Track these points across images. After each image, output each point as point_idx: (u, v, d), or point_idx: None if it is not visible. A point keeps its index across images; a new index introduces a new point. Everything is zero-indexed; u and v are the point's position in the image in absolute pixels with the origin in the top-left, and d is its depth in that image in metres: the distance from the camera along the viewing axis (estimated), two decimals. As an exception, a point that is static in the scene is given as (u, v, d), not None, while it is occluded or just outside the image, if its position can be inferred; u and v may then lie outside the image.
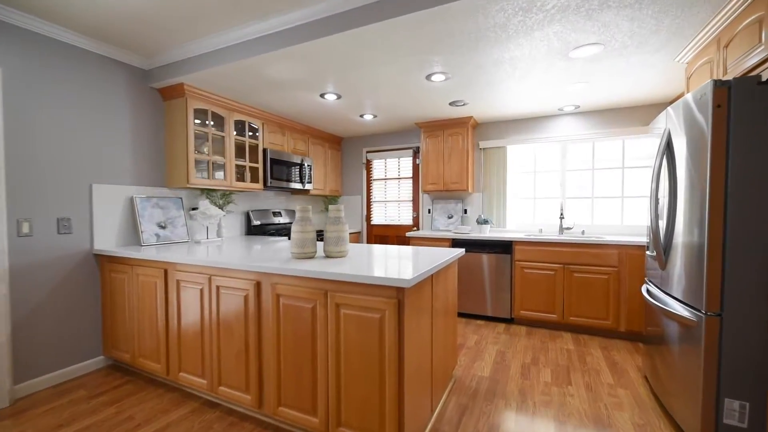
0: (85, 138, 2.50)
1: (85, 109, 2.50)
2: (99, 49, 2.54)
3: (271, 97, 3.20)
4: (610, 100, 3.34)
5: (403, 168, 4.68)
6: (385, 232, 4.82)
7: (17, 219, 2.19)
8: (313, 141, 4.42)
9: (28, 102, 2.23)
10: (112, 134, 2.65)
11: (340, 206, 2.02)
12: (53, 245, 2.35)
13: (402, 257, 2.05)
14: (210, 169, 3.07)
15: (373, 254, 2.16)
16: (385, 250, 2.40)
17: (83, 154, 2.49)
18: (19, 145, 2.19)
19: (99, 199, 2.58)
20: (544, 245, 3.32)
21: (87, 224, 2.53)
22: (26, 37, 2.21)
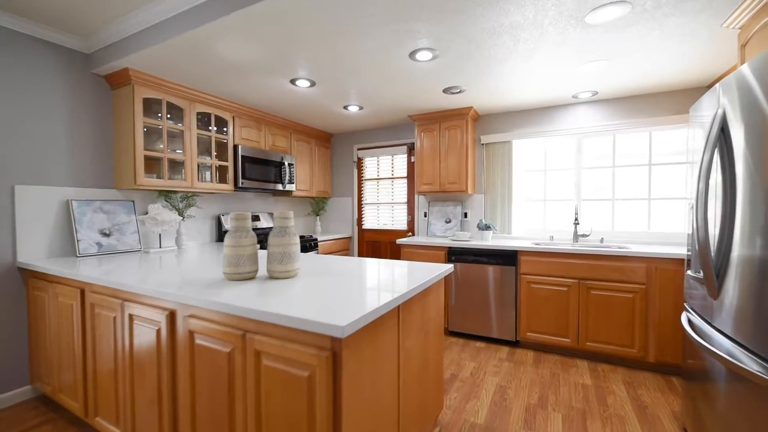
0: (5, 133, 2.13)
1: (7, 99, 2.13)
2: (25, 28, 2.17)
3: (237, 85, 2.79)
4: (635, 83, 2.81)
5: (397, 167, 4.22)
6: (377, 238, 4.36)
7: None
8: (296, 137, 4.01)
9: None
10: (42, 129, 2.28)
11: (288, 213, 1.58)
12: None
13: (370, 280, 1.60)
14: (165, 168, 2.68)
15: (333, 274, 1.71)
16: (356, 266, 1.94)
17: (3, 152, 2.12)
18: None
19: (24, 203, 2.20)
20: (555, 256, 2.81)
21: (8, 232, 2.15)
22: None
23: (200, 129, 2.99)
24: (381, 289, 1.39)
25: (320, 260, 2.13)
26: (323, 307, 1.13)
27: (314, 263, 2.02)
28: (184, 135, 2.81)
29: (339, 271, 1.78)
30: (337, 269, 1.82)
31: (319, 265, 1.96)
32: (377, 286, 1.44)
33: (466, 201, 3.79)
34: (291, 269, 1.58)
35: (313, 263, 2.02)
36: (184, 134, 2.81)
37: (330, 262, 2.04)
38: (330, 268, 1.86)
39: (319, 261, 2.10)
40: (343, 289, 1.37)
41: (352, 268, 1.84)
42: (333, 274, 1.70)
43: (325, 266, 1.91)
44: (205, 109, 2.97)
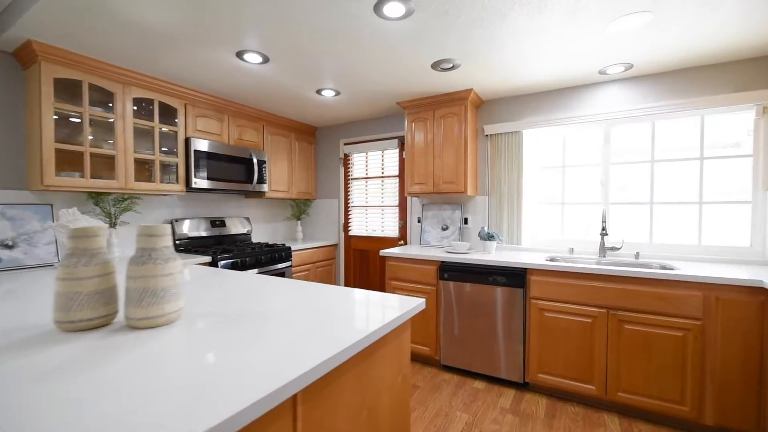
0: None
1: None
2: None
3: (174, 63, 2.28)
4: (685, 50, 2.13)
5: (387, 164, 3.64)
6: (366, 246, 3.79)
7: None
8: (271, 131, 3.48)
9: None
10: None
11: (155, 227, 1.04)
12: None
13: (282, 330, 1.02)
14: (87, 165, 2.19)
15: (233, 317, 1.15)
16: (280, 302, 1.38)
17: None
18: None
19: None
20: (575, 276, 2.17)
21: None
22: None
23: (140, 118, 2.50)
24: (281, 358, 0.82)
25: (243, 286, 1.58)
26: (139, 410, 0.57)
27: (228, 293, 1.46)
28: (115, 125, 2.32)
29: (247, 311, 1.21)
30: (247, 307, 1.26)
31: (233, 297, 1.40)
32: (282, 349, 0.88)
33: (467, 204, 3.17)
34: (157, 314, 1.03)
35: (226, 294, 1.46)
36: (115, 124, 2.32)
37: (254, 292, 1.49)
38: (243, 304, 1.30)
39: (239, 288, 1.55)
40: (218, 358, 0.81)
41: (270, 309, 1.28)
42: (233, 317, 1.14)
43: (239, 300, 1.35)
44: (144, 94, 2.48)
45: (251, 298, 1.37)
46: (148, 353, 0.85)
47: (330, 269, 3.85)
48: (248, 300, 1.35)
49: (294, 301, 1.33)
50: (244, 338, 0.95)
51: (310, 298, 1.38)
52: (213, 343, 0.91)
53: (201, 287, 1.57)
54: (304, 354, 0.85)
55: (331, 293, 1.46)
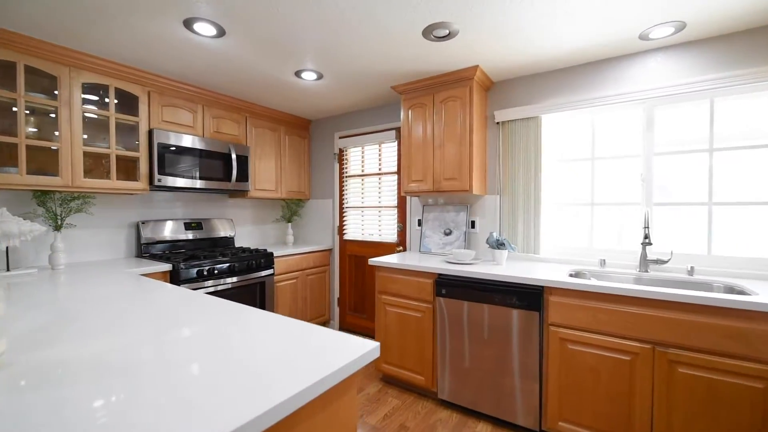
0: None
1: None
2: None
3: (115, 38, 1.95)
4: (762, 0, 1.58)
5: (385, 159, 3.21)
6: (361, 252, 3.37)
7: None
8: (255, 123, 3.14)
9: None
10: None
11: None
12: None
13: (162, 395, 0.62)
14: (22, 159, 1.90)
15: (66, 372, 0.76)
16: (194, 336, 0.98)
17: None
18: None
19: None
20: (607, 299, 1.66)
21: None
22: None
23: (94, 107, 2.20)
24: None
25: (142, 312, 1.19)
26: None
27: (110, 324, 1.08)
28: (60, 114, 2.03)
29: (96, 357, 0.82)
30: (96, 349, 0.87)
31: (104, 332, 1.02)
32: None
33: (475, 205, 2.69)
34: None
35: (107, 324, 1.08)
36: (59, 113, 2.03)
37: (154, 320, 1.10)
38: (99, 345, 0.92)
39: (130, 316, 1.17)
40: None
41: (146, 356, 0.89)
42: (77, 370, 0.75)
43: (102, 338, 0.97)
44: (97, 79, 2.18)
45: (124, 332, 0.98)
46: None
47: (323, 277, 3.47)
48: (114, 336, 0.96)
49: (198, 338, 0.92)
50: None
51: (222, 332, 0.98)
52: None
53: (75, 311, 1.20)
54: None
55: (251, 327, 1.05)
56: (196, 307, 1.26)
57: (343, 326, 3.51)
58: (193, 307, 1.25)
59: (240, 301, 2.62)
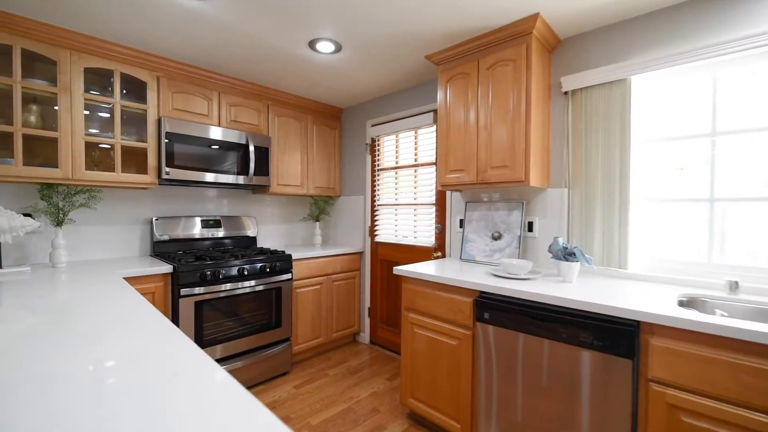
0: None
1: None
2: None
3: (106, 12, 1.73)
4: None
5: (423, 147, 2.72)
6: (394, 256, 2.92)
7: None
8: (278, 111, 2.85)
9: None
10: None
11: None
12: None
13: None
14: (18, 149, 1.78)
15: None
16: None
17: None
18: None
19: None
20: (757, 352, 1.00)
21: None
22: None
23: (97, 94, 2.04)
24: None
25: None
26: None
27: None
28: (59, 101, 1.88)
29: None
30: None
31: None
32: None
33: (533, 201, 2.09)
34: None
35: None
36: (59, 99, 1.88)
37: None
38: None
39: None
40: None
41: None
42: None
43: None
44: (101, 63, 2.02)
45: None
46: None
47: (351, 285, 3.08)
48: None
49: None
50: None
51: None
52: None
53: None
54: None
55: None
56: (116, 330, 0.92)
57: (374, 340, 3.09)
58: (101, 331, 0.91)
59: (253, 310, 2.33)
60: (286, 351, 2.52)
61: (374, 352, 2.93)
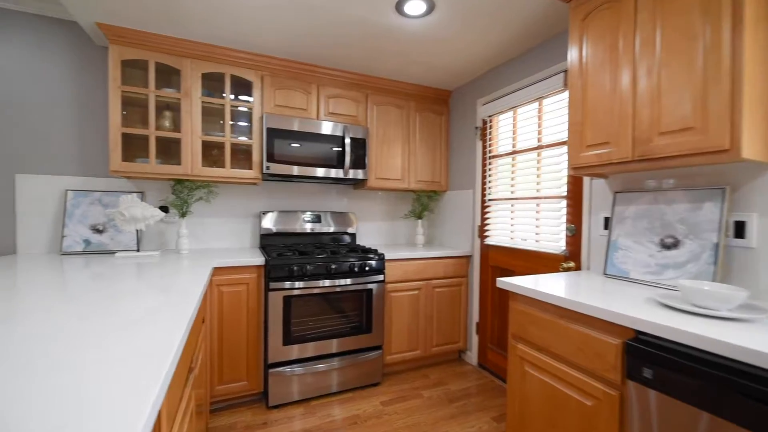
0: (12, 115, 2.03)
1: (10, 84, 2.03)
2: (24, 6, 2.02)
3: (201, 11, 1.81)
4: None
5: (549, 122, 2.07)
6: (509, 263, 2.33)
7: None
8: (377, 100, 2.66)
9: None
10: (46, 112, 2.10)
11: None
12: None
13: None
14: (152, 149, 2.05)
15: None
16: None
17: (7, 138, 2.03)
18: None
19: (25, 194, 2.07)
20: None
21: (10, 223, 2.05)
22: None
23: (210, 97, 2.23)
24: None
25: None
26: None
27: None
28: (181, 105, 2.11)
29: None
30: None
31: None
32: None
33: (745, 187, 1.25)
34: None
35: None
36: (181, 103, 2.11)
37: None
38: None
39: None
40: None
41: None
42: None
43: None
44: (215, 68, 2.19)
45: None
46: None
47: (456, 293, 2.63)
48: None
49: None
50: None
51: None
52: None
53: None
54: None
55: None
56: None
57: (483, 363, 2.56)
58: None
59: (342, 311, 2.18)
60: (377, 360, 2.29)
61: (482, 379, 2.42)
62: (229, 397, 2.04)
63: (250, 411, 1.99)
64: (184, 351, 0.94)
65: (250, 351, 2.02)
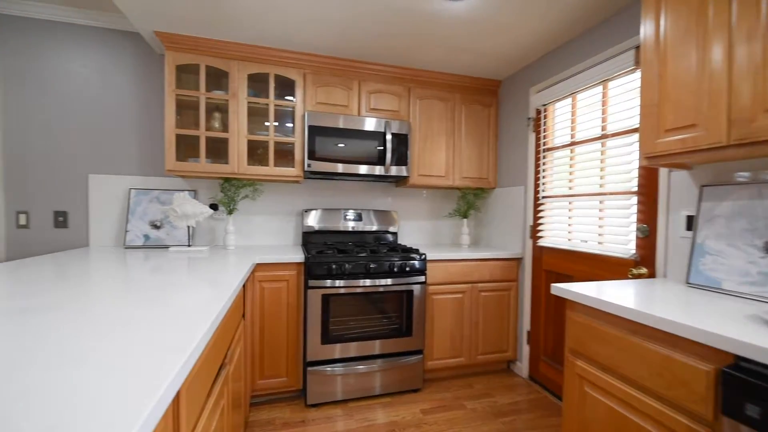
0: (86, 123, 2.25)
1: (87, 92, 2.24)
2: (98, 21, 2.22)
3: (268, 16, 1.84)
4: None
5: (616, 108, 1.81)
6: (566, 267, 2.10)
7: (15, 210, 2.17)
8: (420, 93, 2.55)
9: (26, 92, 2.16)
10: (115, 117, 2.29)
11: None
12: (50, 239, 2.22)
13: None
14: (202, 149, 2.15)
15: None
16: None
17: (82, 142, 2.25)
18: (15, 135, 2.15)
19: (96, 192, 2.28)
20: None
21: (84, 219, 2.27)
22: (22, 24, 2.14)
23: (256, 97, 2.28)
24: None
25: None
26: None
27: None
28: (229, 105, 2.19)
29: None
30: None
31: None
32: None
33: None
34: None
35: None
36: (229, 104, 2.19)
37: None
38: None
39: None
40: None
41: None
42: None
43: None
44: (260, 69, 2.23)
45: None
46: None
47: (505, 298, 2.44)
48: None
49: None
50: None
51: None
52: None
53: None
54: None
55: None
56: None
57: (535, 376, 2.34)
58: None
59: (381, 312, 2.11)
60: (417, 365, 2.18)
61: (533, 393, 2.20)
62: (269, 392, 2.06)
63: (289, 408, 1.99)
64: (213, 348, 0.93)
65: (289, 348, 2.03)
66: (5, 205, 2.15)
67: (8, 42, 2.12)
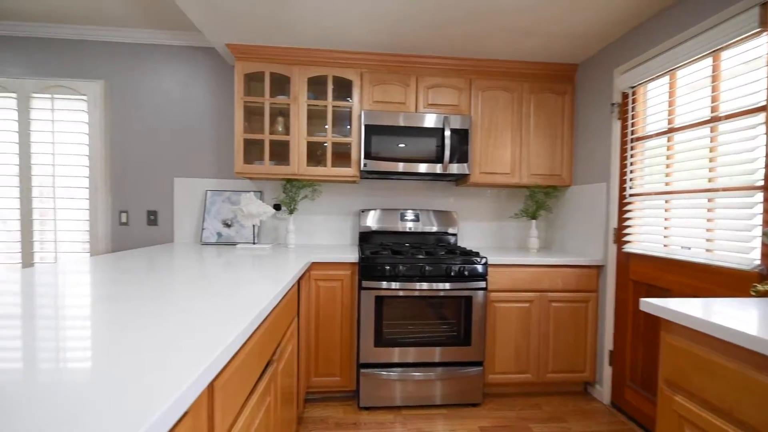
0: (171, 132, 2.52)
1: (172, 105, 2.52)
2: (180, 40, 2.48)
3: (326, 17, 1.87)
4: None
5: (733, 83, 1.46)
6: (661, 278, 1.75)
7: (118, 210, 2.52)
8: (482, 85, 2.37)
9: (126, 107, 2.49)
10: (194, 126, 2.53)
11: None
12: (144, 236, 2.53)
13: None
14: (266, 152, 2.27)
15: None
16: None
17: (169, 149, 2.52)
18: (119, 146, 2.50)
19: (180, 193, 2.54)
20: None
21: (170, 218, 2.55)
22: (122, 50, 2.48)
23: (315, 100, 2.33)
24: None
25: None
26: None
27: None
28: (290, 109, 2.27)
29: None
30: None
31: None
32: None
33: None
34: None
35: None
36: (290, 108, 2.27)
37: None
38: None
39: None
40: None
41: None
42: None
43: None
44: (319, 71, 2.28)
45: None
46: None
47: (582, 311, 2.14)
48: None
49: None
50: None
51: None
52: None
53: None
54: None
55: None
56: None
57: (617, 402, 2.01)
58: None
59: (437, 317, 1.99)
60: (476, 377, 2.02)
61: (616, 423, 1.89)
62: (324, 390, 2.08)
63: (342, 408, 1.98)
64: (258, 346, 0.92)
65: (343, 348, 2.02)
66: (111, 205, 2.51)
67: (114, 64, 2.47)
